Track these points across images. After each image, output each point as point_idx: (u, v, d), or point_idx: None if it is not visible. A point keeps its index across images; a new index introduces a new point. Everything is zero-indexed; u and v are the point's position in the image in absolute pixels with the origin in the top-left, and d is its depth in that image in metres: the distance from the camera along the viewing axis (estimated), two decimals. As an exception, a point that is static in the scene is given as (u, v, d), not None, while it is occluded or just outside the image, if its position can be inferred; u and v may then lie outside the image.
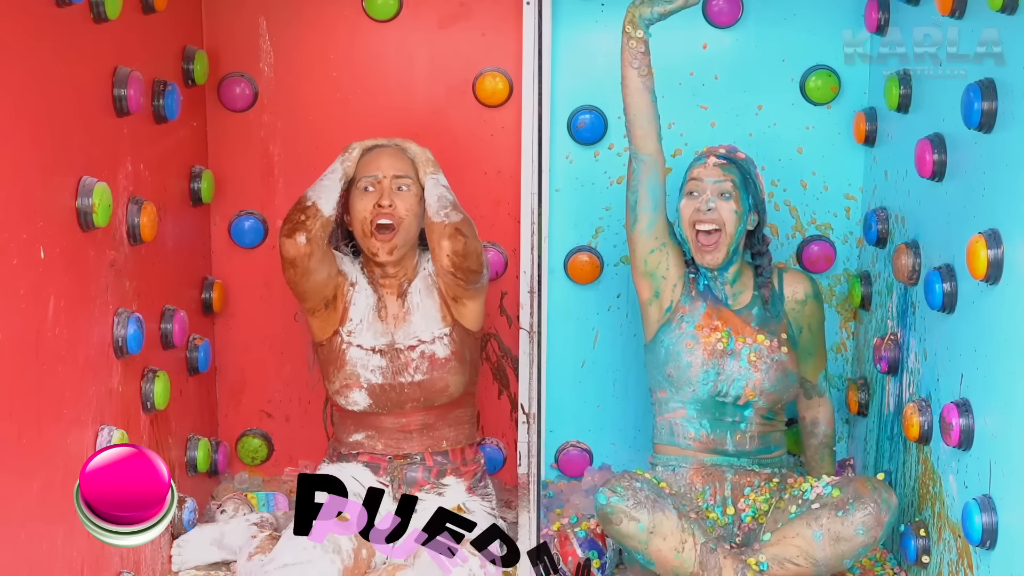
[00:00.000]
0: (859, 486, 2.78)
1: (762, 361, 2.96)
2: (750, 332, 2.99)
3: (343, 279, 3.04)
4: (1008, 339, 2.33)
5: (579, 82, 3.33)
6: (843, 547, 2.73)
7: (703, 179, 2.94)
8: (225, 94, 3.36)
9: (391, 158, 3.02)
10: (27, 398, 2.23)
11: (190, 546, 3.00)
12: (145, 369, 2.81)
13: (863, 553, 2.76)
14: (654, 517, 2.75)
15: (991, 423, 2.40)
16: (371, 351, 3.01)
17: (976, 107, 2.38)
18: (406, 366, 3.00)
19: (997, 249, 2.32)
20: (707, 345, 2.96)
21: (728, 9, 3.28)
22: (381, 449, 3.06)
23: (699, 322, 2.99)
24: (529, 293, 2.81)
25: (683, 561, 2.75)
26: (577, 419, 3.42)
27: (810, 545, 2.75)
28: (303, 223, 2.91)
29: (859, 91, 3.32)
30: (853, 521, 2.72)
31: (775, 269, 3.09)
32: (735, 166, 2.96)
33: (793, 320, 3.05)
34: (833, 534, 2.73)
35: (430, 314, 3.04)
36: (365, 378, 3.01)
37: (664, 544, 2.75)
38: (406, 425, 3.06)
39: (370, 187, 2.99)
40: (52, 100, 2.33)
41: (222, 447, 3.43)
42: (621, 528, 2.76)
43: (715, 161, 2.95)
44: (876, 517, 2.72)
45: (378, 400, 3.02)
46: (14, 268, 2.17)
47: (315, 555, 2.71)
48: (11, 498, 2.17)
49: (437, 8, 3.33)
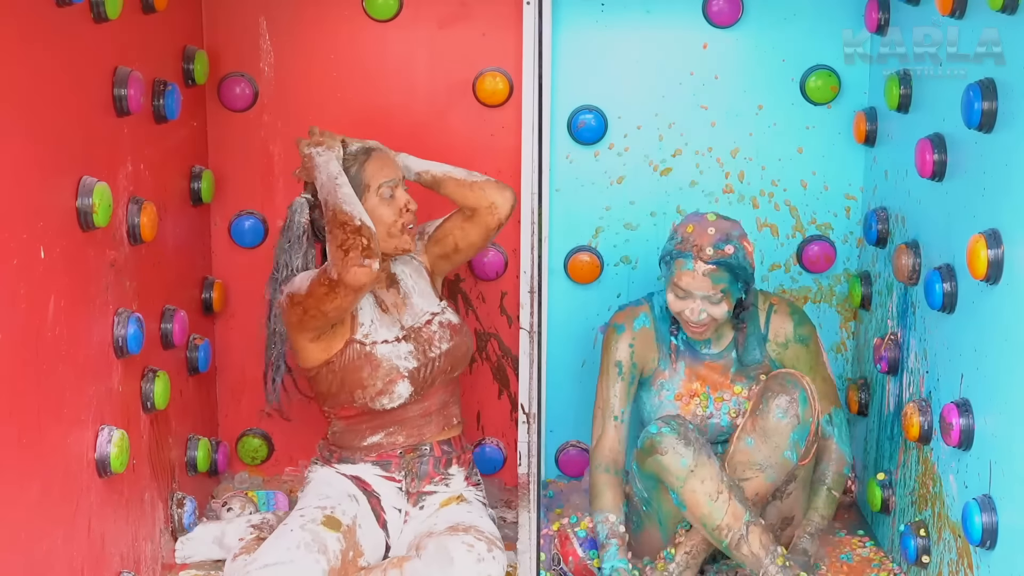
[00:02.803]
0: (765, 383, 2.88)
1: (742, 415, 2.98)
2: (727, 385, 3.03)
3: None
4: (1008, 339, 2.33)
5: (579, 82, 3.33)
6: (775, 439, 2.81)
7: (692, 292, 2.88)
8: (225, 94, 3.36)
9: (391, 163, 3.00)
10: (27, 398, 2.23)
11: (193, 543, 3.03)
12: (145, 369, 2.81)
13: (798, 438, 2.82)
14: (699, 458, 2.78)
15: (991, 423, 2.40)
16: (397, 341, 2.99)
17: (976, 107, 2.38)
18: (431, 340, 3.01)
19: (997, 249, 2.32)
20: (687, 413, 3.03)
21: (728, 9, 3.28)
22: (402, 442, 3.04)
23: (679, 390, 3.05)
24: (529, 293, 2.81)
25: (713, 511, 2.76)
26: (577, 419, 3.42)
27: (747, 454, 2.82)
28: (369, 248, 2.72)
29: (859, 91, 3.32)
30: (770, 410, 2.81)
31: (767, 303, 3.06)
32: (724, 268, 2.86)
33: (777, 360, 3.05)
34: (760, 432, 2.82)
35: (426, 292, 3.08)
36: (404, 368, 2.98)
37: (701, 487, 2.77)
38: (428, 408, 3.04)
39: (389, 195, 2.95)
40: (52, 100, 2.33)
41: (222, 447, 3.43)
42: (664, 459, 2.78)
43: (704, 269, 2.85)
44: (788, 397, 2.81)
45: (417, 384, 3.00)
46: (14, 268, 2.17)
47: (298, 555, 2.71)
48: (11, 498, 2.17)
49: (437, 8, 3.33)
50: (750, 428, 2.84)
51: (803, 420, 2.81)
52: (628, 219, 3.41)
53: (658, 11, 3.31)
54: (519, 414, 2.84)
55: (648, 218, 3.41)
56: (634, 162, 3.38)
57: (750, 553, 2.76)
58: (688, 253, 2.87)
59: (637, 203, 3.40)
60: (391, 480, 3.03)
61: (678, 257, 2.89)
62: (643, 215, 3.41)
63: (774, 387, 2.85)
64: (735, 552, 2.78)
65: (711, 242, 2.86)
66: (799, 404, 2.81)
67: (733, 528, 2.76)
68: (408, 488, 3.02)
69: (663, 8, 3.31)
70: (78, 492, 2.44)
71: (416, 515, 3.01)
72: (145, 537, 2.82)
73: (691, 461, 2.77)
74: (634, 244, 3.42)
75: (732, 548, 2.77)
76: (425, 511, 3.01)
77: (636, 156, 3.38)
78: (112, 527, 2.61)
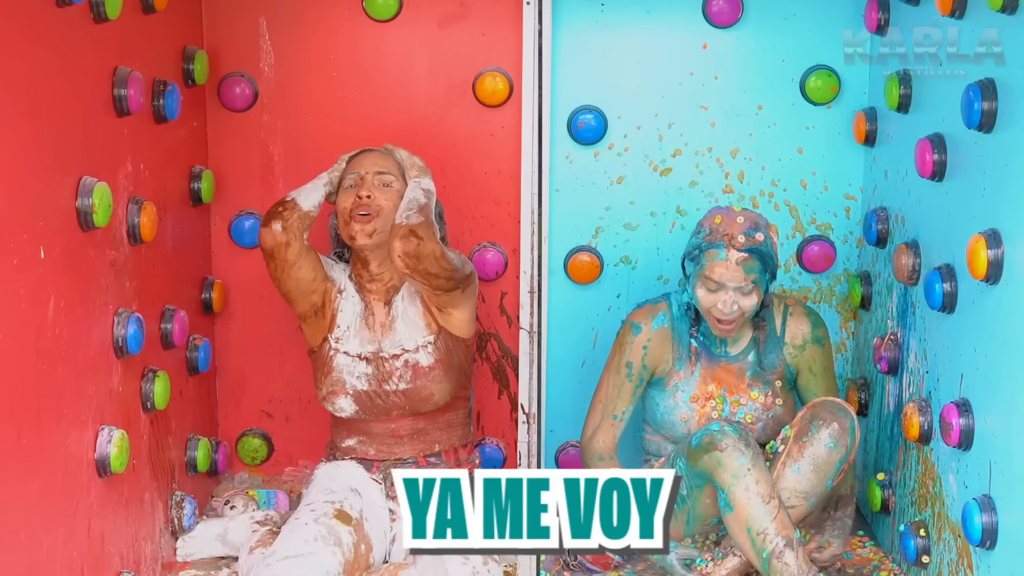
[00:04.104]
0: (811, 410, 2.84)
1: (759, 421, 3.00)
2: (743, 389, 3.01)
3: (331, 285, 3.06)
4: (1008, 339, 2.33)
5: (579, 82, 3.33)
6: (823, 469, 2.79)
7: (725, 283, 2.87)
8: (225, 94, 3.36)
9: (376, 157, 3.06)
10: (27, 398, 2.23)
11: (195, 540, 3.04)
12: (145, 369, 2.81)
13: (840, 468, 2.81)
14: (756, 460, 2.76)
15: (991, 423, 2.40)
16: (357, 358, 3.02)
17: (976, 107, 2.38)
18: (390, 374, 3.01)
19: (997, 249, 2.32)
20: (702, 415, 3.01)
21: (728, 9, 3.28)
22: (373, 454, 3.08)
23: (694, 392, 3.03)
24: (529, 293, 2.81)
25: (763, 514, 2.72)
26: (577, 419, 3.41)
27: (795, 481, 2.79)
28: (279, 213, 2.95)
29: (859, 91, 3.32)
30: (821, 439, 2.79)
31: (781, 305, 3.07)
32: (755, 256, 2.86)
33: (792, 364, 3.05)
34: (810, 460, 2.79)
35: (413, 321, 3.03)
36: (351, 384, 3.01)
37: (755, 487, 2.73)
38: (396, 430, 3.06)
39: (353, 184, 3.01)
40: (52, 100, 2.33)
41: (222, 447, 3.43)
42: (723, 455, 2.74)
43: (737, 257, 2.85)
44: (840, 426, 2.79)
45: (364, 407, 3.03)
46: (14, 268, 2.17)
47: (317, 547, 2.72)
48: (11, 499, 2.17)
49: (437, 8, 3.33)
50: (796, 455, 2.80)
51: (849, 450, 2.79)
52: (628, 219, 3.41)
53: (658, 11, 3.31)
54: (519, 414, 2.84)
55: (648, 218, 3.41)
56: (634, 162, 3.38)
57: (792, 565, 2.70)
58: (720, 243, 2.86)
59: (637, 203, 3.40)
60: (375, 481, 3.04)
61: (709, 248, 2.87)
62: (643, 215, 3.41)
63: (824, 415, 2.80)
64: (775, 562, 2.71)
65: (742, 230, 2.87)
66: (848, 434, 2.79)
67: (779, 536, 2.71)
68: (388, 492, 3.03)
69: (663, 8, 3.31)
70: (78, 492, 2.44)
71: None
72: (145, 537, 2.82)
73: (749, 461, 2.74)
74: (634, 244, 3.42)
75: (773, 557, 2.71)
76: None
77: (636, 156, 3.38)
78: (112, 527, 2.61)
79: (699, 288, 2.92)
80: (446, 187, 3.34)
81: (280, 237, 2.93)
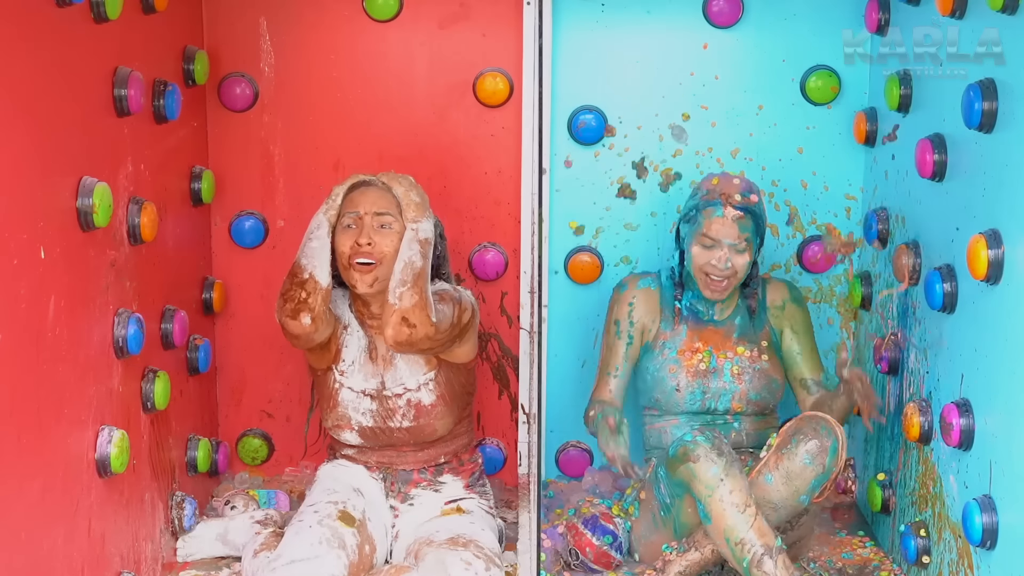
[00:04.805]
0: (797, 423, 2.84)
1: (745, 373, 3.07)
2: (730, 346, 3.10)
3: (337, 323, 3.01)
4: (1008, 339, 2.33)
5: (579, 82, 3.33)
6: (796, 483, 2.78)
7: (721, 239, 2.98)
8: (225, 94, 3.36)
9: (374, 195, 2.93)
10: (27, 398, 2.23)
11: (196, 540, 3.03)
12: (145, 369, 2.81)
13: (817, 486, 2.79)
14: (730, 470, 2.76)
15: (991, 423, 2.40)
16: (361, 394, 2.99)
17: (976, 107, 2.38)
18: (394, 412, 2.99)
19: (997, 249, 2.32)
20: (690, 368, 3.08)
21: (728, 9, 3.28)
22: (375, 462, 3.07)
23: (680, 347, 3.10)
24: (529, 293, 2.81)
25: (739, 523, 2.72)
26: (577, 419, 3.41)
27: (765, 491, 2.79)
28: (305, 302, 2.84)
29: (859, 91, 3.32)
30: (798, 453, 2.78)
31: (759, 280, 3.16)
32: (750, 216, 2.99)
33: (775, 326, 3.15)
34: (783, 472, 2.78)
35: (413, 359, 2.99)
36: (356, 420, 3.00)
37: (729, 498, 2.74)
38: (399, 449, 3.06)
39: (352, 224, 2.91)
40: (52, 100, 2.33)
41: (222, 447, 3.43)
42: (696, 467, 2.76)
43: (733, 215, 2.97)
44: (819, 444, 2.77)
45: (369, 440, 3.03)
46: (14, 268, 2.17)
47: (322, 551, 2.72)
48: (11, 498, 2.17)
49: (437, 8, 3.33)
50: (772, 465, 2.79)
51: (827, 469, 2.77)
52: (628, 219, 3.41)
53: (658, 11, 3.31)
54: (519, 414, 2.84)
55: (648, 218, 3.41)
56: (634, 162, 3.38)
57: (771, 574, 2.70)
58: (717, 201, 2.99)
59: (637, 203, 3.40)
60: (375, 480, 3.05)
61: (706, 207, 3.00)
62: (643, 215, 3.41)
63: (807, 430, 2.79)
64: (754, 571, 2.71)
65: (738, 190, 3.00)
66: (828, 454, 2.76)
67: (757, 544, 2.71)
68: (389, 491, 3.03)
69: (663, 8, 3.31)
70: (78, 492, 2.44)
71: (407, 511, 3.02)
72: (145, 537, 2.82)
73: (722, 471, 2.74)
74: (634, 244, 3.42)
75: (752, 567, 2.71)
76: (417, 508, 3.02)
77: (636, 156, 3.38)
78: (112, 527, 2.61)
79: (695, 246, 3.02)
80: (446, 187, 3.34)
81: (309, 328, 2.85)
